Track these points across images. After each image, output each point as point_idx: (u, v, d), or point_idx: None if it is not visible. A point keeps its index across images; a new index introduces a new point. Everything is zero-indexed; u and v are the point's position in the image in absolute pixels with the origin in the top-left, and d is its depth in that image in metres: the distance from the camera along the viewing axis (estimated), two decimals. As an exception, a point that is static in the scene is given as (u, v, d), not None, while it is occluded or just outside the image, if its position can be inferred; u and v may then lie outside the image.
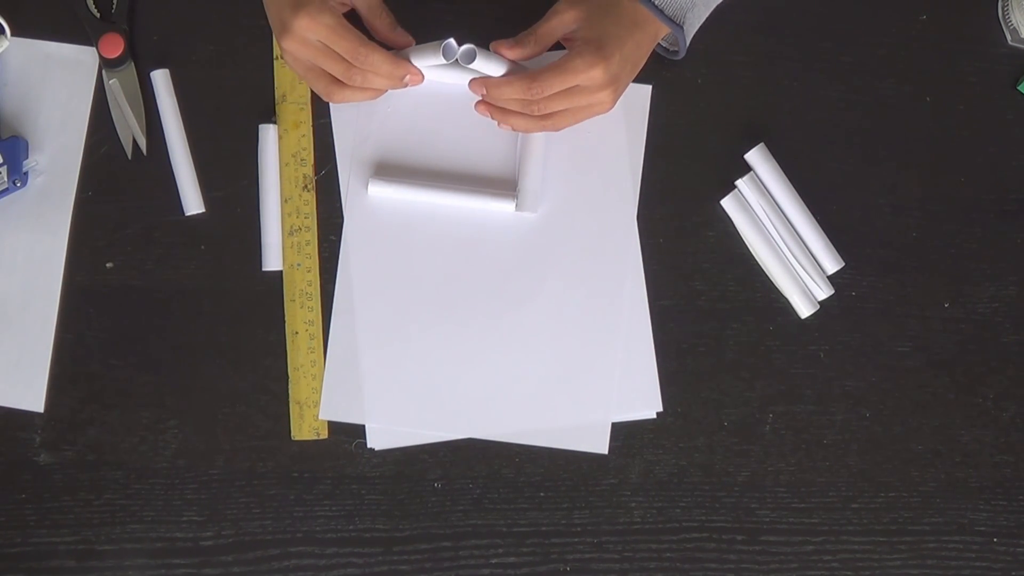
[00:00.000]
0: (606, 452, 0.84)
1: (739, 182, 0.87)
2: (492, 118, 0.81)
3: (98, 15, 0.86)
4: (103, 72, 0.86)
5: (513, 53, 0.80)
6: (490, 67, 0.80)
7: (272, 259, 0.85)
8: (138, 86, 0.86)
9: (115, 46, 0.86)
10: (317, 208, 0.86)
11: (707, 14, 0.82)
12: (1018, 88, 0.90)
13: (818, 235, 0.87)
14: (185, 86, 0.87)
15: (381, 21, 0.81)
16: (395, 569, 0.82)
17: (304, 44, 0.76)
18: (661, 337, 0.85)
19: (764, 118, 0.89)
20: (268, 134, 0.86)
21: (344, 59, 0.77)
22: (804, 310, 0.86)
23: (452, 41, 0.76)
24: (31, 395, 0.83)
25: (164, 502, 0.82)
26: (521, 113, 0.80)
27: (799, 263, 0.86)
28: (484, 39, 0.88)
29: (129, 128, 0.86)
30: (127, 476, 0.83)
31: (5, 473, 0.82)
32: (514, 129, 0.82)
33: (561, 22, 0.79)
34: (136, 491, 0.83)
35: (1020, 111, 0.90)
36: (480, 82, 0.80)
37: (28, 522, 0.82)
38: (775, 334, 0.86)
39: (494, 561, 0.83)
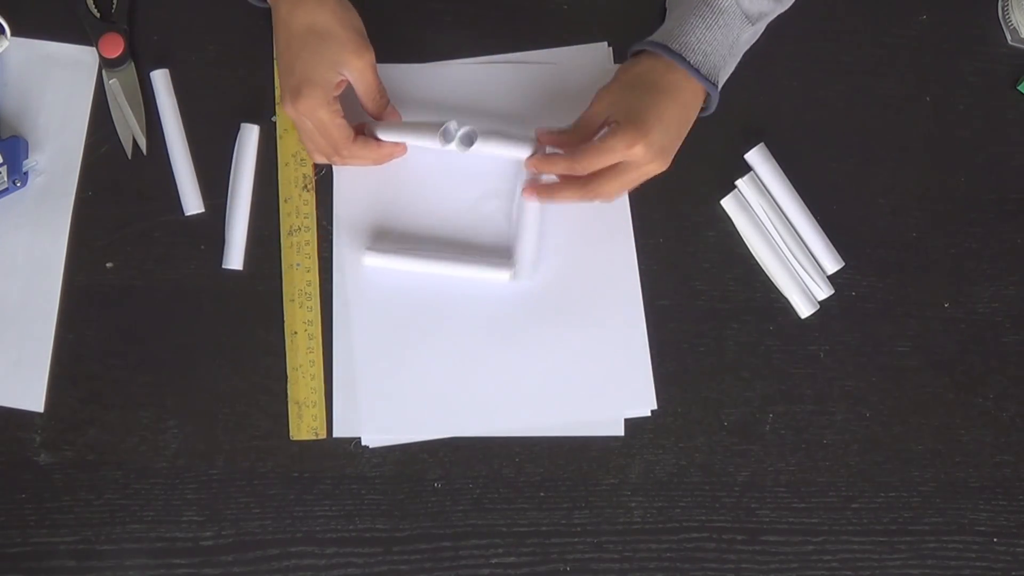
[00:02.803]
0: (622, 434, 0.84)
1: (739, 182, 0.87)
2: (541, 201, 0.83)
3: (98, 15, 0.86)
4: (103, 72, 0.86)
5: (555, 143, 0.82)
6: (491, 148, 0.81)
7: (234, 258, 0.85)
8: (138, 86, 0.86)
9: (115, 46, 0.86)
10: (316, 208, 0.86)
11: (733, 68, 0.83)
12: (1018, 88, 0.90)
13: (818, 235, 0.87)
14: (185, 86, 0.87)
15: (376, 104, 0.82)
16: (395, 569, 0.82)
17: (300, 122, 0.79)
18: (661, 337, 0.85)
19: (764, 118, 0.89)
20: (249, 134, 0.86)
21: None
22: (804, 310, 0.86)
23: (451, 124, 0.78)
24: (31, 395, 0.83)
25: (164, 502, 0.82)
26: (569, 187, 0.81)
27: (799, 263, 0.86)
28: (484, 40, 0.89)
29: (129, 128, 0.86)
30: (127, 476, 0.83)
31: (5, 473, 0.82)
32: (564, 202, 0.83)
33: (597, 111, 0.80)
34: (136, 491, 0.82)
35: (1020, 111, 0.90)
36: (534, 161, 0.82)
37: (28, 522, 0.82)
38: (775, 334, 0.86)
39: (494, 561, 0.83)
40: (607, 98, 0.81)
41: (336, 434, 0.83)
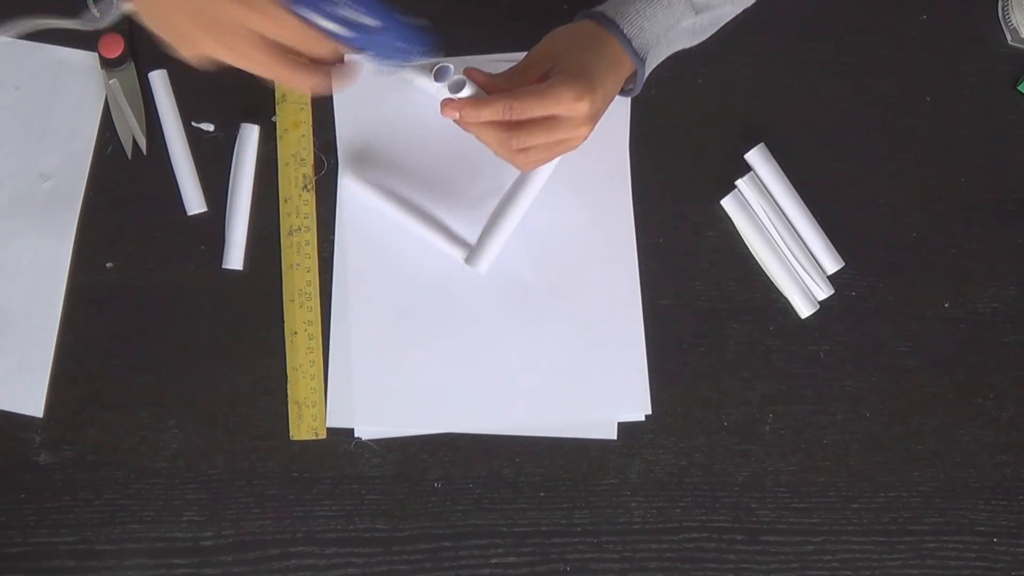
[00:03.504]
0: (615, 438, 0.84)
1: (739, 182, 0.87)
2: (460, 124, 0.74)
3: (99, 16, 0.87)
4: (103, 72, 0.86)
5: (489, 86, 0.74)
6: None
7: (234, 258, 0.85)
8: (138, 86, 0.86)
9: (115, 46, 0.86)
10: (317, 208, 0.86)
11: (667, 54, 0.80)
12: (1018, 88, 0.90)
13: (818, 235, 0.87)
14: (185, 86, 0.87)
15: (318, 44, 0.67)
16: (395, 569, 0.82)
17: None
18: (661, 337, 0.85)
19: (764, 118, 0.89)
20: (249, 135, 0.86)
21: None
22: (804, 310, 0.86)
23: (450, 65, 0.73)
24: (31, 401, 0.82)
25: (164, 502, 0.82)
26: (494, 130, 0.73)
27: (799, 263, 0.86)
28: (484, 40, 0.88)
29: (129, 128, 0.86)
30: (127, 476, 0.83)
31: (5, 473, 0.82)
32: (480, 140, 0.75)
33: (546, 53, 0.75)
34: (136, 491, 0.83)
35: (1020, 111, 0.90)
36: (455, 105, 0.72)
37: (28, 522, 0.82)
38: (775, 334, 0.86)
39: (494, 561, 0.83)
40: (556, 45, 0.75)
41: (329, 424, 0.83)
